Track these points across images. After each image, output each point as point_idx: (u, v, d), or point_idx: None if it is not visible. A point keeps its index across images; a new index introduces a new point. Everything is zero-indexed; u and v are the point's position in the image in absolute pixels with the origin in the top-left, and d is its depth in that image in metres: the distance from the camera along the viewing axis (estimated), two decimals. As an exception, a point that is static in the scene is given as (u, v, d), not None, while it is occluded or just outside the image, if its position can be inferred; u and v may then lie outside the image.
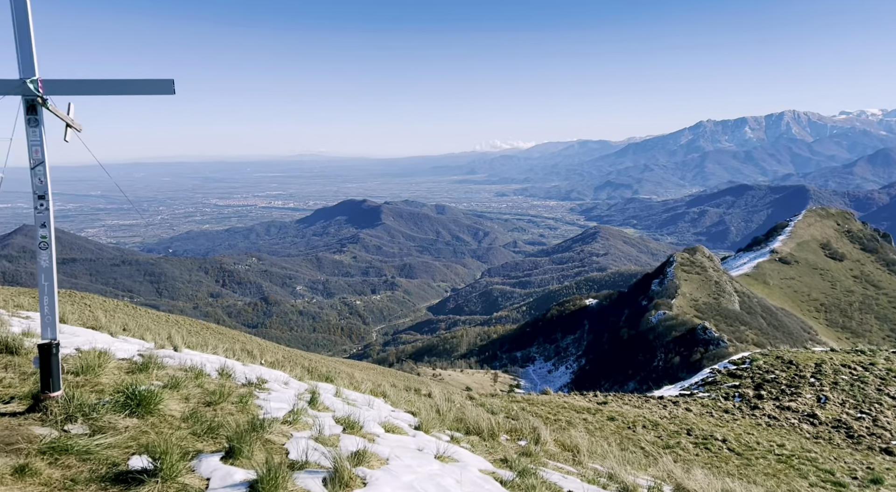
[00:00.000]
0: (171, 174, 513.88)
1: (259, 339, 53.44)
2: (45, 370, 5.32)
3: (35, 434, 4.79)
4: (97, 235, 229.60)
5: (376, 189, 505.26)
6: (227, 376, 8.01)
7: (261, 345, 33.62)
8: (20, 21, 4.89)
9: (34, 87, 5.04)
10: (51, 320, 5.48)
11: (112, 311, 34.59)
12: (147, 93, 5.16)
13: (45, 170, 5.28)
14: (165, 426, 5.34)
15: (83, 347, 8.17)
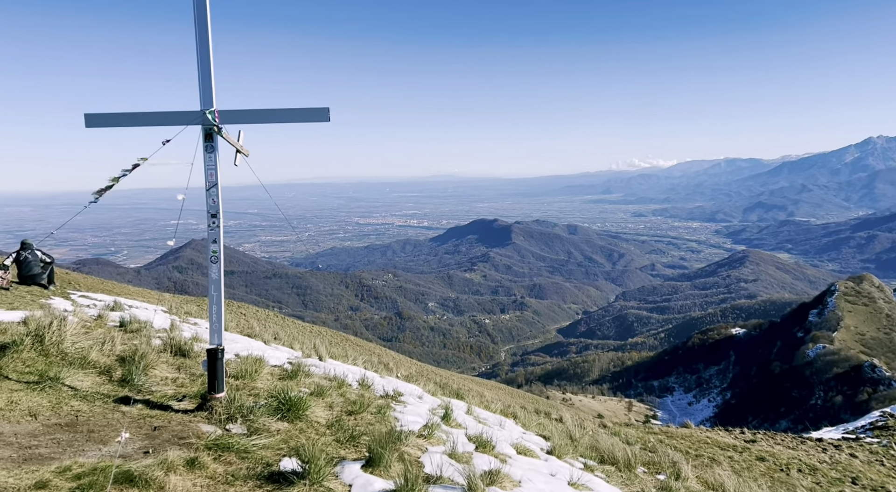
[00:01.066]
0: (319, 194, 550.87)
1: (393, 352, 55.29)
2: (212, 373, 5.87)
3: (202, 431, 5.29)
4: (253, 250, 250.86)
5: (507, 208, 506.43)
6: (367, 387, 8.35)
7: (395, 358, 34.69)
8: (202, 59, 5.52)
9: (212, 117, 5.65)
10: (217, 328, 6.04)
11: (264, 320, 37.47)
12: (305, 120, 5.59)
13: (218, 191, 5.87)
14: (312, 432, 5.66)
15: (241, 353, 8.92)
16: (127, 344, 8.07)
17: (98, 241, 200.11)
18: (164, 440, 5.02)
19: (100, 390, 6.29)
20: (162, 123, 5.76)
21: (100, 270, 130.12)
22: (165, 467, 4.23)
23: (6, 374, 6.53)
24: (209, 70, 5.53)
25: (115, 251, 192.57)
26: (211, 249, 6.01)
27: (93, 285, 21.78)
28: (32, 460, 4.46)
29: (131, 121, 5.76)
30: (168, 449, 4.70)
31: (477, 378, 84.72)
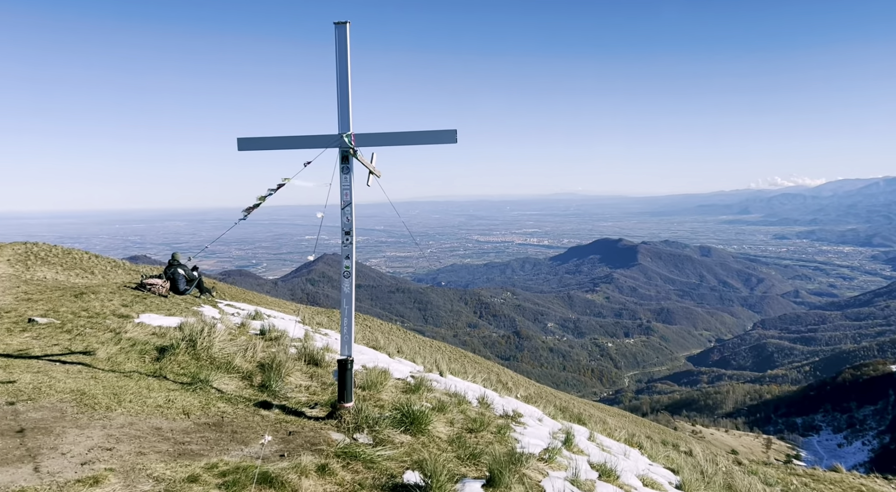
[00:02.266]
0: (441, 212, 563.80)
1: (511, 371, 54.93)
2: (342, 383, 6.15)
3: (332, 438, 5.54)
4: (378, 265, 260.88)
5: (633, 228, 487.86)
6: (487, 406, 8.35)
7: (513, 378, 34.38)
8: (342, 86, 5.87)
9: (348, 140, 5.98)
10: (348, 339, 6.33)
11: (387, 333, 38.76)
12: (434, 143, 5.77)
13: (352, 210, 6.17)
14: (434, 447, 5.75)
15: (368, 365, 9.26)
16: (266, 352, 8.66)
17: (241, 253, 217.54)
18: (298, 445, 5.31)
19: (242, 393, 6.80)
20: (304, 146, 6.18)
21: (242, 281, 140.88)
22: (299, 471, 4.47)
23: (165, 374, 7.25)
24: (347, 97, 5.87)
25: (255, 263, 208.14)
26: (344, 265, 6.32)
27: (236, 295, 23.68)
28: (185, 456, 4.89)
29: (277, 144, 6.24)
30: (301, 454, 4.97)
31: (598, 403, 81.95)
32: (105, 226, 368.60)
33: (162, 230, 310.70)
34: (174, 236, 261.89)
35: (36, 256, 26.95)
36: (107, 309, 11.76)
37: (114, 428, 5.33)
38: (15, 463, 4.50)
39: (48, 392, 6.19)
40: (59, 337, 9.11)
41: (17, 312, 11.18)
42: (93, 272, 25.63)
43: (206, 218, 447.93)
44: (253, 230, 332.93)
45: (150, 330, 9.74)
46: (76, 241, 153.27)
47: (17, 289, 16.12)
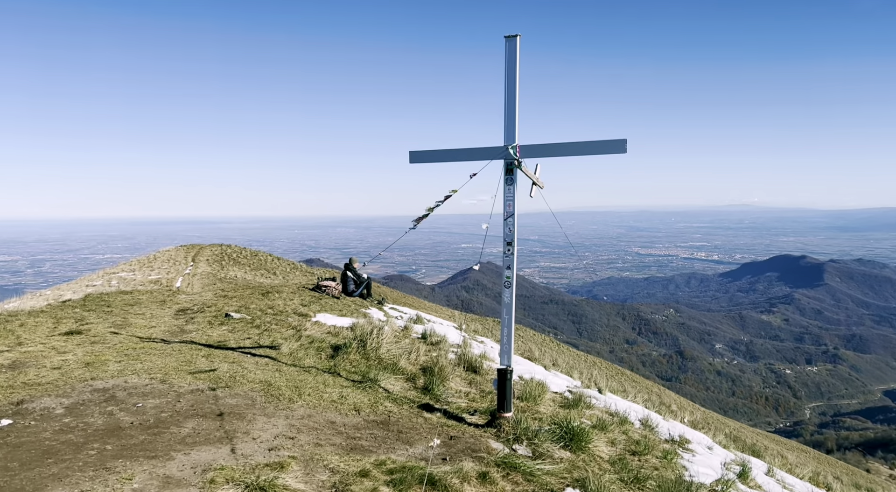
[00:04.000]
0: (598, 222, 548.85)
1: (672, 393, 51.79)
2: (501, 392, 6.20)
3: (492, 447, 5.59)
4: (532, 275, 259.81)
5: (818, 244, 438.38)
6: (650, 428, 7.95)
7: (677, 400, 32.40)
8: (509, 98, 5.95)
9: (513, 152, 6.04)
10: (508, 349, 6.37)
11: (540, 344, 38.44)
12: (602, 153, 5.64)
13: (514, 221, 6.22)
14: (595, 465, 5.58)
15: (524, 376, 9.24)
16: (428, 355, 8.99)
17: (403, 259, 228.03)
18: (459, 450, 5.43)
19: (406, 395, 7.11)
20: (471, 158, 6.35)
21: (402, 285, 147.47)
22: (461, 476, 4.57)
23: (338, 371, 7.79)
24: (514, 109, 5.94)
25: (415, 269, 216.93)
26: (505, 275, 6.38)
27: (397, 298, 24.85)
28: (356, 450, 5.21)
29: (446, 157, 6.47)
30: (463, 459, 5.08)
31: (773, 435, 74.45)
32: (286, 231, 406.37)
33: (334, 236, 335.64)
34: (344, 242, 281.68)
35: (229, 257, 30.36)
36: (289, 307, 12.92)
37: (295, 419, 5.82)
38: (216, 443, 5.09)
39: (241, 381, 6.93)
40: (250, 331, 10.18)
41: (216, 307, 12.67)
42: (275, 273, 28.33)
43: (373, 225, 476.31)
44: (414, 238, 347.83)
45: (325, 329, 10.54)
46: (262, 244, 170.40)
47: (214, 286, 18.28)
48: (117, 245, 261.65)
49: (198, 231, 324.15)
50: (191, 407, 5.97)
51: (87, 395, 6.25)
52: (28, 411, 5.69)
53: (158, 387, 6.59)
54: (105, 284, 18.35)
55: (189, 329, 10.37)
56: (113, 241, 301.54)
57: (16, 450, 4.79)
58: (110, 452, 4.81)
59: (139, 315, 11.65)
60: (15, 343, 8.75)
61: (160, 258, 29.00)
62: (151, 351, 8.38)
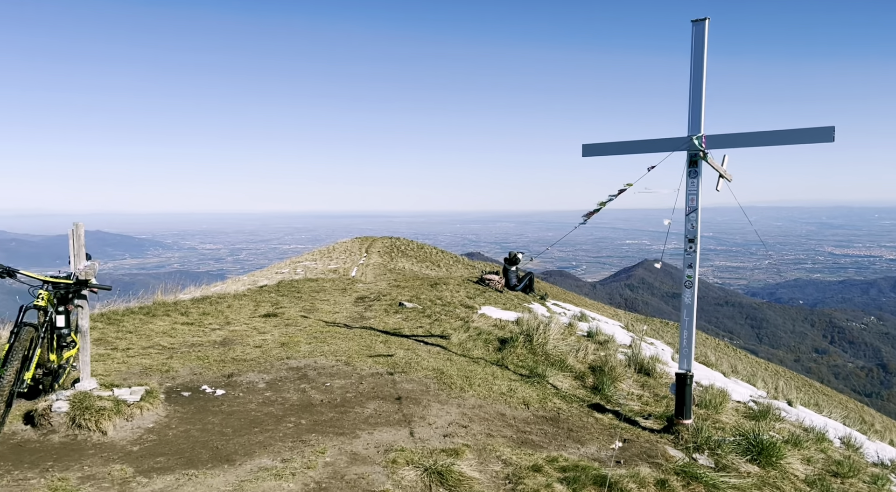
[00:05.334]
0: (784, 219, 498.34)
1: (873, 410, 45.70)
2: (680, 398, 5.86)
3: (669, 454, 5.32)
4: (704, 275, 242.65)
5: None
6: (854, 449, 7.07)
7: (882, 421, 28.53)
8: (695, 85, 5.58)
9: (698, 142, 5.66)
10: (687, 353, 6.00)
11: (715, 349, 35.82)
12: (805, 142, 5.08)
13: (697, 217, 5.83)
14: (788, 484, 5.08)
15: (701, 382, 8.67)
16: (596, 354, 8.77)
17: (563, 255, 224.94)
18: (633, 454, 5.23)
19: (575, 393, 6.99)
20: (650, 150, 6.06)
21: (562, 281, 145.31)
22: (638, 481, 4.39)
23: (505, 364, 7.87)
24: (700, 97, 5.57)
25: (575, 265, 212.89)
26: (686, 274, 6.01)
27: (557, 295, 24.52)
28: (527, 444, 5.23)
29: (622, 149, 6.24)
30: (639, 464, 4.89)
31: None
32: (449, 225, 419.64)
33: (494, 230, 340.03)
34: (504, 236, 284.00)
35: (398, 249, 31.97)
36: (455, 299, 13.32)
37: (467, 408, 5.98)
38: (395, 425, 5.38)
39: (416, 368, 7.26)
40: (422, 321, 10.65)
41: (390, 296, 13.41)
42: (439, 265, 29.37)
43: (531, 220, 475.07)
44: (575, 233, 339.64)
45: (491, 321, 10.72)
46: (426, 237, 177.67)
47: (386, 276, 19.36)
48: (301, 236, 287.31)
49: (370, 224, 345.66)
50: (372, 389, 6.38)
51: (284, 372, 6.94)
52: (237, 384, 6.44)
53: (343, 369, 7.13)
54: (291, 272, 20.24)
55: (367, 316, 11.10)
56: (298, 232, 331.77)
57: (229, 417, 5.44)
58: (304, 426, 5.29)
59: (324, 301, 12.69)
60: (224, 322, 9.96)
61: (338, 249, 31.34)
62: (336, 335, 9.09)
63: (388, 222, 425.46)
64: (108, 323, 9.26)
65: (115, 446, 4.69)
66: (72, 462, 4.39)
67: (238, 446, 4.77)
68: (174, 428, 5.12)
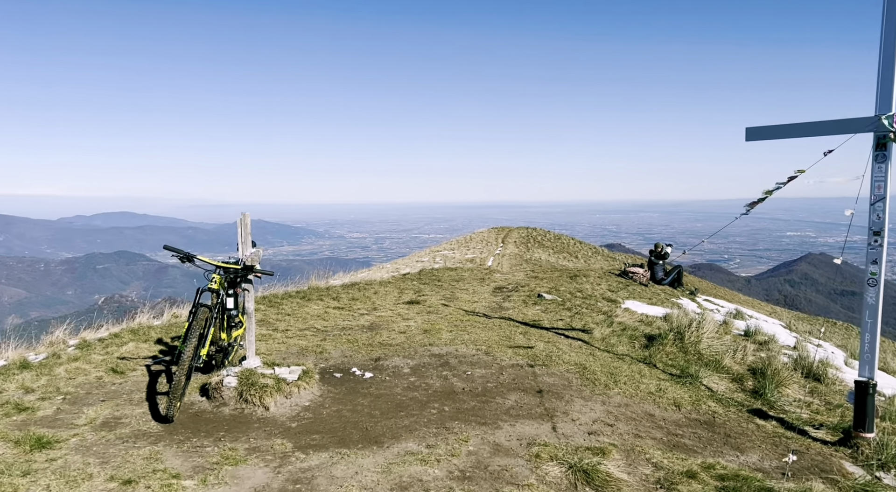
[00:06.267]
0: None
1: None
2: (860, 408, 5.21)
3: (846, 469, 4.75)
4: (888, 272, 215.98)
5: None
6: None
7: None
8: (886, 57, 4.89)
9: (888, 123, 4.95)
10: (870, 359, 5.32)
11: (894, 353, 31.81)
12: None
13: (885, 206, 5.13)
14: None
15: (884, 391, 7.67)
16: (755, 355, 8.07)
17: (713, 247, 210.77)
18: (803, 467, 4.74)
19: (733, 396, 6.48)
20: (825, 132, 5.42)
21: (712, 276, 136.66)
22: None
23: (653, 362, 7.48)
24: (892, 71, 4.86)
25: (727, 259, 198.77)
26: (870, 271, 5.32)
27: (708, 290, 22.97)
28: (679, 448, 4.91)
29: (794, 132, 5.63)
30: (809, 478, 4.41)
31: None
32: (587, 215, 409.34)
33: (636, 221, 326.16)
34: (647, 227, 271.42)
35: (534, 240, 31.68)
36: (596, 292, 12.91)
37: (612, 406, 5.75)
38: (537, 419, 5.30)
39: (557, 361, 7.12)
40: (562, 313, 10.44)
41: (528, 287, 13.30)
42: (576, 256, 28.68)
43: (679, 210, 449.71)
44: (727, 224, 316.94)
45: (636, 317, 10.25)
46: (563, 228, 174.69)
47: (522, 266, 19.23)
48: (440, 226, 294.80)
49: (506, 214, 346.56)
50: (512, 381, 6.34)
51: (427, 359, 7.10)
52: (383, 368, 6.69)
53: (483, 358, 7.15)
54: (431, 261, 20.76)
55: (506, 306, 11.09)
56: (436, 222, 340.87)
57: (377, 400, 5.67)
58: (447, 413, 5.37)
59: (463, 290, 12.86)
60: (371, 308, 10.42)
61: (475, 239, 31.69)
62: (476, 324, 9.16)
63: (524, 213, 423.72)
64: (269, 305, 10.05)
65: (276, 422, 5.06)
66: (240, 434, 4.79)
67: (385, 429, 4.95)
68: (327, 407, 5.42)
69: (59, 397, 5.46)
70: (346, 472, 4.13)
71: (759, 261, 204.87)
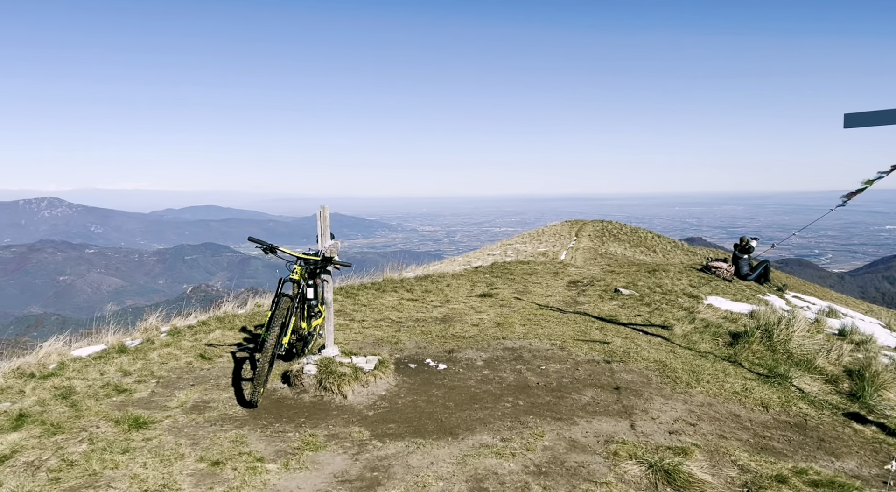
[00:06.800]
0: None
1: None
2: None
3: (958, 484, 4.37)
4: None
5: None
6: None
7: None
8: None
9: None
10: None
11: None
12: None
13: None
14: None
15: None
16: (851, 356, 7.57)
17: (803, 241, 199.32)
18: (907, 479, 4.39)
19: (826, 398, 6.10)
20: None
21: (800, 271, 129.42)
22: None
23: (739, 361, 7.15)
24: None
25: (818, 253, 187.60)
26: None
27: (796, 286, 21.75)
28: (767, 451, 4.67)
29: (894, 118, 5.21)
30: (915, 492, 4.09)
31: None
32: (666, 208, 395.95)
33: (718, 214, 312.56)
34: (730, 220, 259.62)
35: (609, 233, 30.98)
36: (677, 287, 12.47)
37: (694, 405, 5.54)
38: (615, 416, 5.17)
39: (635, 358, 6.92)
40: (640, 309, 10.14)
41: (605, 281, 13.01)
42: (654, 250, 27.82)
43: (766, 202, 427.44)
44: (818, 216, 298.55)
45: (720, 314, 9.83)
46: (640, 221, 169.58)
47: (596, 260, 18.83)
48: (511, 219, 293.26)
49: (580, 207, 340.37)
50: (588, 376, 6.22)
51: (500, 352, 7.07)
52: (457, 360, 6.71)
53: (558, 353, 7.05)
54: (502, 254, 20.66)
55: (581, 301, 10.88)
56: (508, 215, 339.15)
57: (451, 391, 5.69)
58: (522, 407, 5.32)
59: (537, 284, 12.73)
60: (444, 300, 10.48)
61: (547, 232, 31.31)
62: (549, 318, 9.05)
63: (599, 205, 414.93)
64: (346, 296, 10.30)
65: (354, 410, 5.17)
66: (319, 420, 4.92)
67: (460, 420, 4.96)
68: (403, 397, 5.49)
69: (153, 381, 5.80)
70: (421, 462, 4.17)
71: (854, 256, 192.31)
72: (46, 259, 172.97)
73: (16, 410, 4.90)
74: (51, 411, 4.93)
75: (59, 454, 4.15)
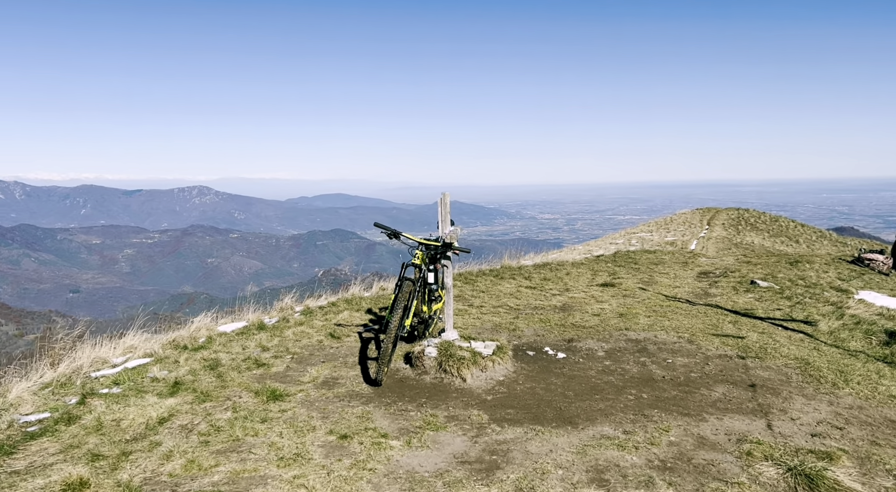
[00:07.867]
0: None
1: None
2: None
3: None
4: None
5: None
6: None
7: None
8: None
9: None
10: None
11: None
12: None
13: None
14: None
15: None
16: None
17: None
18: None
19: None
20: None
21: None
22: None
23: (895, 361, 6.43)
24: None
25: None
26: None
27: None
28: (931, 464, 4.16)
29: None
30: None
31: None
32: (811, 195, 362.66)
33: (874, 201, 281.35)
34: (888, 208, 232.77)
35: (745, 222, 28.91)
36: (822, 280, 11.42)
37: (841, 407, 5.05)
38: (748, 414, 4.84)
39: (773, 354, 6.43)
40: (780, 302, 9.40)
41: (739, 273, 12.18)
42: (797, 241, 25.61)
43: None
44: None
45: (874, 310, 8.87)
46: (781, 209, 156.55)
47: (731, 250, 17.65)
48: (636, 207, 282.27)
49: (712, 194, 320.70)
50: (719, 372, 5.87)
51: (622, 343, 6.85)
52: (576, 349, 6.59)
53: (686, 346, 6.71)
54: (626, 243, 19.94)
55: (713, 293, 10.27)
56: (633, 203, 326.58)
57: (570, 381, 5.60)
58: (646, 400, 5.13)
59: (663, 274, 12.18)
60: (563, 289, 10.31)
61: (676, 221, 29.79)
62: (677, 310, 8.63)
63: (734, 192, 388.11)
64: (464, 282, 10.43)
65: (472, 393, 5.24)
66: (439, 402, 5.04)
67: (580, 410, 4.87)
68: (521, 384, 5.49)
69: (288, 356, 6.22)
70: (540, 449, 4.15)
71: None
72: (197, 243, 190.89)
73: (172, 378, 5.46)
74: (200, 380, 5.44)
75: (208, 420, 4.58)
